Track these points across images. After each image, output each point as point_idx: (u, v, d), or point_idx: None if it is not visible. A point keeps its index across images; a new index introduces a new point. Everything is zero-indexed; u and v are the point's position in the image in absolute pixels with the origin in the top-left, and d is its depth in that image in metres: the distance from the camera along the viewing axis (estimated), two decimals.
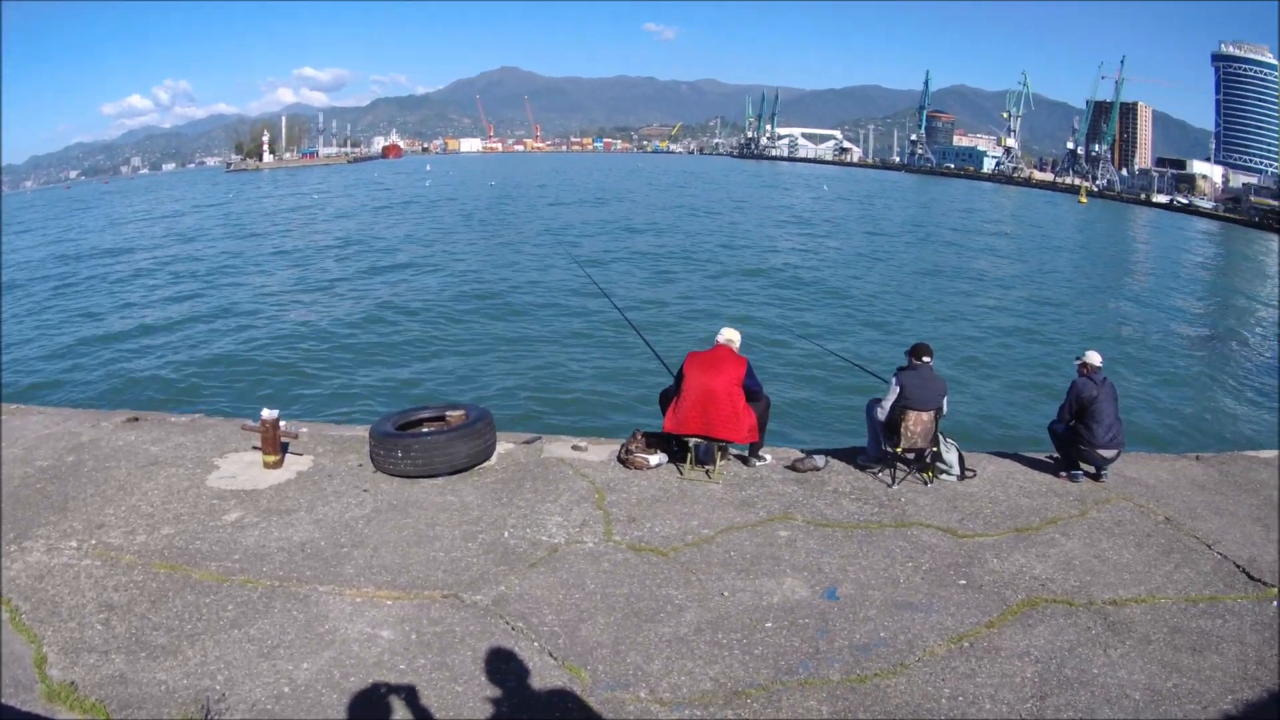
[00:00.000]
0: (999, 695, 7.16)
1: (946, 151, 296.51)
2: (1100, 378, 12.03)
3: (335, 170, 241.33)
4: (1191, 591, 9.01)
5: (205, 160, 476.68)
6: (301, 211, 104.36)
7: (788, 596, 8.67)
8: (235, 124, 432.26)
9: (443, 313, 39.77)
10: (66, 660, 7.30)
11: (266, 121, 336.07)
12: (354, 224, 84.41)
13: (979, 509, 10.99)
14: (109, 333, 37.45)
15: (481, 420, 11.96)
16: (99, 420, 13.73)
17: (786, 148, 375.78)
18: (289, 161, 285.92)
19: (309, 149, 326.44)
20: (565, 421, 23.49)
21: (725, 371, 11.52)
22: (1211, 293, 62.85)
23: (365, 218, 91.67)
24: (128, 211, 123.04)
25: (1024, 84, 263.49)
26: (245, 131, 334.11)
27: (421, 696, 6.94)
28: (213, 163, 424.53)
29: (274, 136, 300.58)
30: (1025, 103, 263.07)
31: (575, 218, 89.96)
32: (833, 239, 77.14)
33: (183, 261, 60.33)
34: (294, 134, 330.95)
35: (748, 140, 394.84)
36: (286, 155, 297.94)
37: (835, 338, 36.08)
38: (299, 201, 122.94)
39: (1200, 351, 39.88)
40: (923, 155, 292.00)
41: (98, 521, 9.87)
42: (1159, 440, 24.07)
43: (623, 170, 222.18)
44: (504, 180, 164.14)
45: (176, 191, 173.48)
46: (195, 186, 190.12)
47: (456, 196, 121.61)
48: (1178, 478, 12.40)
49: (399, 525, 10.00)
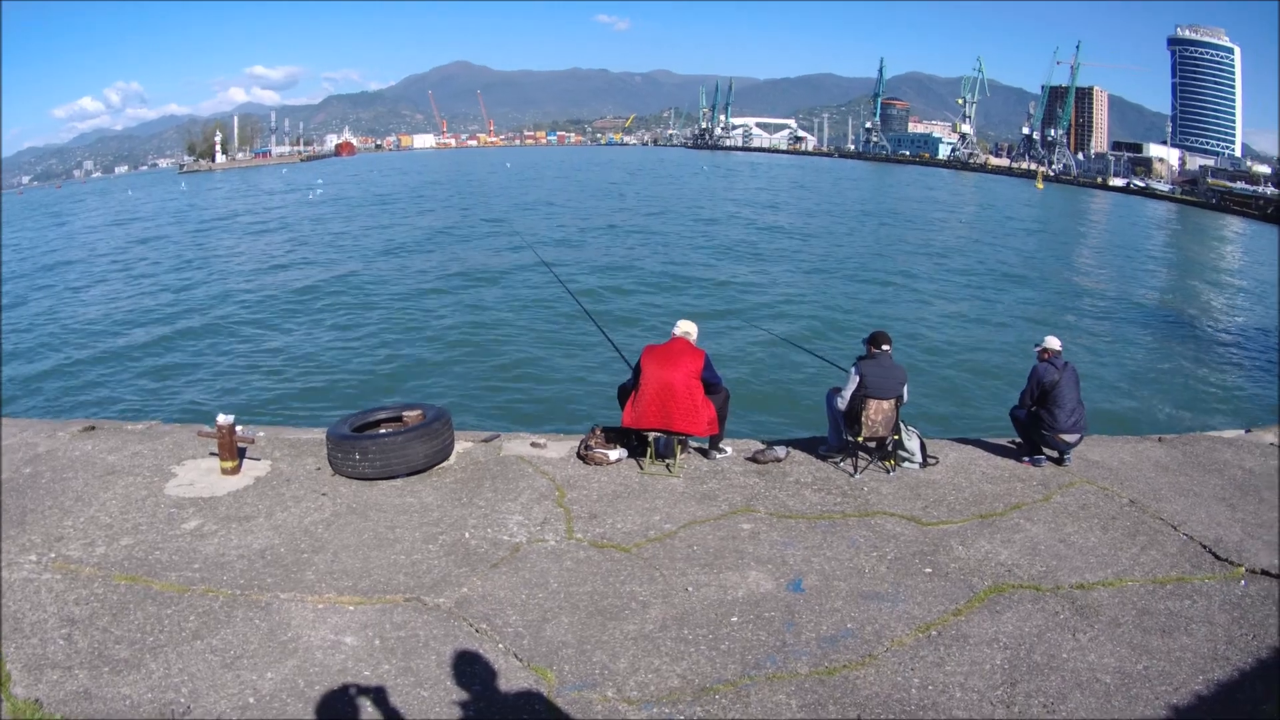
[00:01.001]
0: (969, 683, 7.16)
1: (902, 139, 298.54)
2: (1061, 362, 12.05)
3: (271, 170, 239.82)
4: (1159, 573, 9.04)
5: (158, 162, 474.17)
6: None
7: (753, 590, 8.63)
8: (188, 125, 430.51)
9: (396, 312, 39.72)
10: (30, 677, 7.20)
11: (219, 122, 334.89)
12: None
13: (942, 496, 10.99)
14: (60, 341, 37.14)
15: (439, 420, 11.86)
16: (55, 430, 13.57)
17: (741, 137, 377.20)
18: (242, 161, 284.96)
19: (262, 148, 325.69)
20: (523, 418, 23.46)
21: (683, 364, 11.46)
22: (1170, 276, 63.37)
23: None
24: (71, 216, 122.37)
25: (979, 70, 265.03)
26: (198, 132, 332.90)
27: (387, 702, 6.88)
28: (165, 164, 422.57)
29: (226, 137, 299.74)
30: (980, 89, 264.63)
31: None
32: (787, 229, 77.25)
33: (131, 266, 59.98)
34: (246, 134, 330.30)
35: (702, 131, 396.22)
36: (239, 155, 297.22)
37: (792, 328, 36.11)
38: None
39: (1160, 334, 40.16)
40: (878, 143, 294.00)
41: (57, 534, 9.74)
42: (1121, 423, 24.18)
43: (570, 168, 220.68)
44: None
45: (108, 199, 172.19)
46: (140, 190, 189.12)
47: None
48: (1141, 460, 12.45)
49: (359, 529, 9.91)
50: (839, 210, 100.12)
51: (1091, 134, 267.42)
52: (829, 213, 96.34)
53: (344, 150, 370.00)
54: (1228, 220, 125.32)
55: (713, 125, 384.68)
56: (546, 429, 16.67)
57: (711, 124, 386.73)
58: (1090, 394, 14.61)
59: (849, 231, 76.52)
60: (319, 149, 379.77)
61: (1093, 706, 6.90)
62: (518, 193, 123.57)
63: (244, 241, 72.28)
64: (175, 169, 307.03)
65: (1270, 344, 39.32)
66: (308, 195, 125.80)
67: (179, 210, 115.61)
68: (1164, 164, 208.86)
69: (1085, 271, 60.28)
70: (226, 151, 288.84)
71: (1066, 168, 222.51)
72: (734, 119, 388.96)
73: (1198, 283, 59.10)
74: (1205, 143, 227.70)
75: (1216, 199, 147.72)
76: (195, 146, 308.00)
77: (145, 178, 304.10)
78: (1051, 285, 52.13)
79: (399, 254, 60.18)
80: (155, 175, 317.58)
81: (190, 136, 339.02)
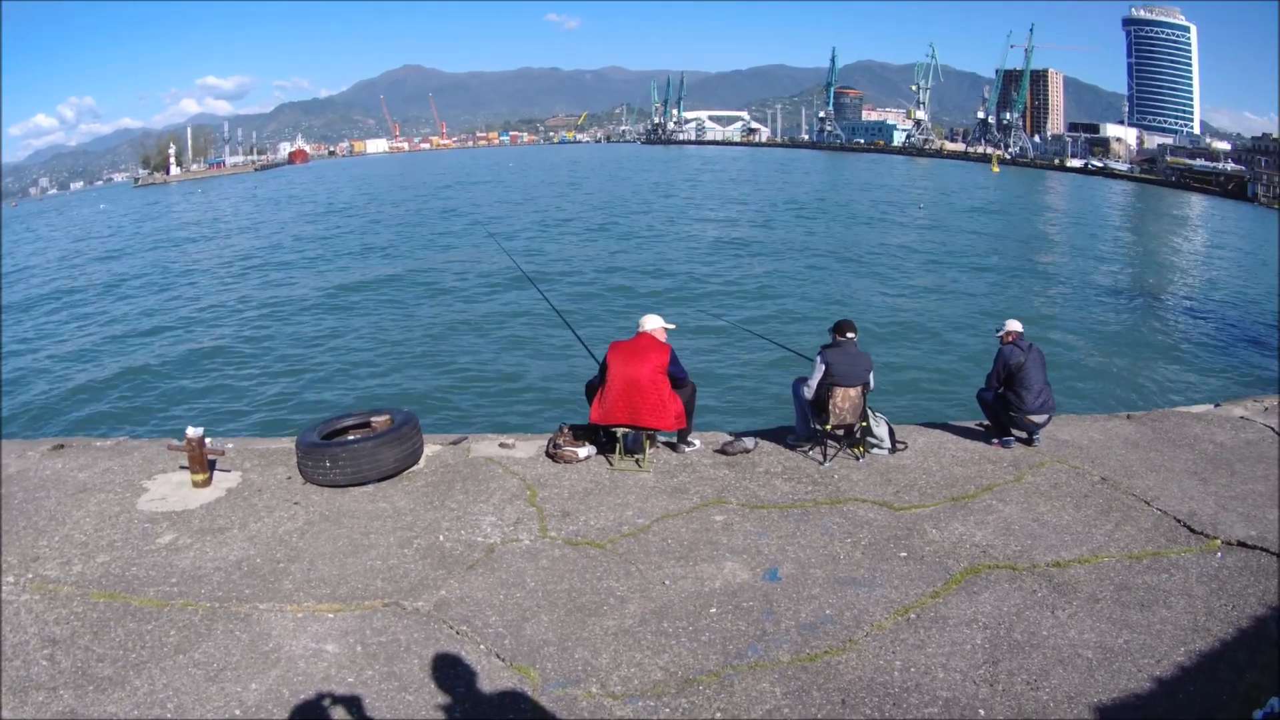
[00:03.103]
0: (951, 664, 7.22)
1: (856, 127, 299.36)
2: (1026, 344, 12.14)
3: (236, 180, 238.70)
4: (1134, 549, 9.13)
5: (113, 176, 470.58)
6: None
7: (729, 581, 8.67)
8: (141, 138, 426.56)
9: (355, 315, 39.77)
10: (15, 700, 7.15)
11: (172, 134, 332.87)
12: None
13: (913, 481, 11.06)
14: (21, 359, 36.90)
15: (407, 424, 11.83)
16: (24, 450, 13.45)
17: (694, 131, 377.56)
18: (196, 173, 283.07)
19: (216, 159, 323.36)
20: (491, 419, 23.47)
21: (649, 360, 11.47)
22: (1132, 254, 63.97)
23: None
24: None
25: (932, 56, 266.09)
26: (152, 145, 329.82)
27: (373, 708, 6.87)
28: (120, 178, 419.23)
29: (180, 149, 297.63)
30: (934, 75, 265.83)
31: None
32: (745, 220, 77.48)
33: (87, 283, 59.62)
34: (200, 145, 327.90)
35: (654, 126, 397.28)
36: (194, 167, 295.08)
37: (756, 318, 36.27)
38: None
39: (1126, 312, 40.63)
40: (831, 132, 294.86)
41: (32, 554, 9.67)
42: (1090, 401, 24.36)
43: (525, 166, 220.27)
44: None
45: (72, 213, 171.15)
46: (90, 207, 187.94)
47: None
48: (1110, 437, 12.55)
49: (333, 536, 9.88)
50: (794, 201, 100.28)
51: (1048, 116, 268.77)
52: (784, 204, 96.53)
53: (297, 158, 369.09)
54: (1188, 197, 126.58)
55: (665, 120, 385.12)
56: (514, 429, 16.70)
57: (664, 119, 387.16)
58: (1057, 374, 14.74)
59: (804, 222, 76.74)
60: (273, 158, 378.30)
61: (1076, 682, 6.97)
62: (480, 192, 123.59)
63: (204, 253, 71.93)
64: (130, 183, 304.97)
65: (1236, 318, 39.67)
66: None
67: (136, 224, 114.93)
68: (1121, 143, 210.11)
69: (1045, 253, 60.79)
70: (181, 164, 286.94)
71: (1023, 150, 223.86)
72: (687, 113, 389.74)
73: (1160, 261, 59.57)
74: (1163, 121, 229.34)
75: (1176, 177, 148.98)
76: (150, 159, 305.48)
77: (101, 193, 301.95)
78: (1011, 268, 52.55)
79: (358, 257, 60.14)
80: (110, 190, 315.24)
81: (144, 150, 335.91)
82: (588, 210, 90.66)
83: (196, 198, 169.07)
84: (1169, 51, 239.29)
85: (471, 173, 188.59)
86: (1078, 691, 6.85)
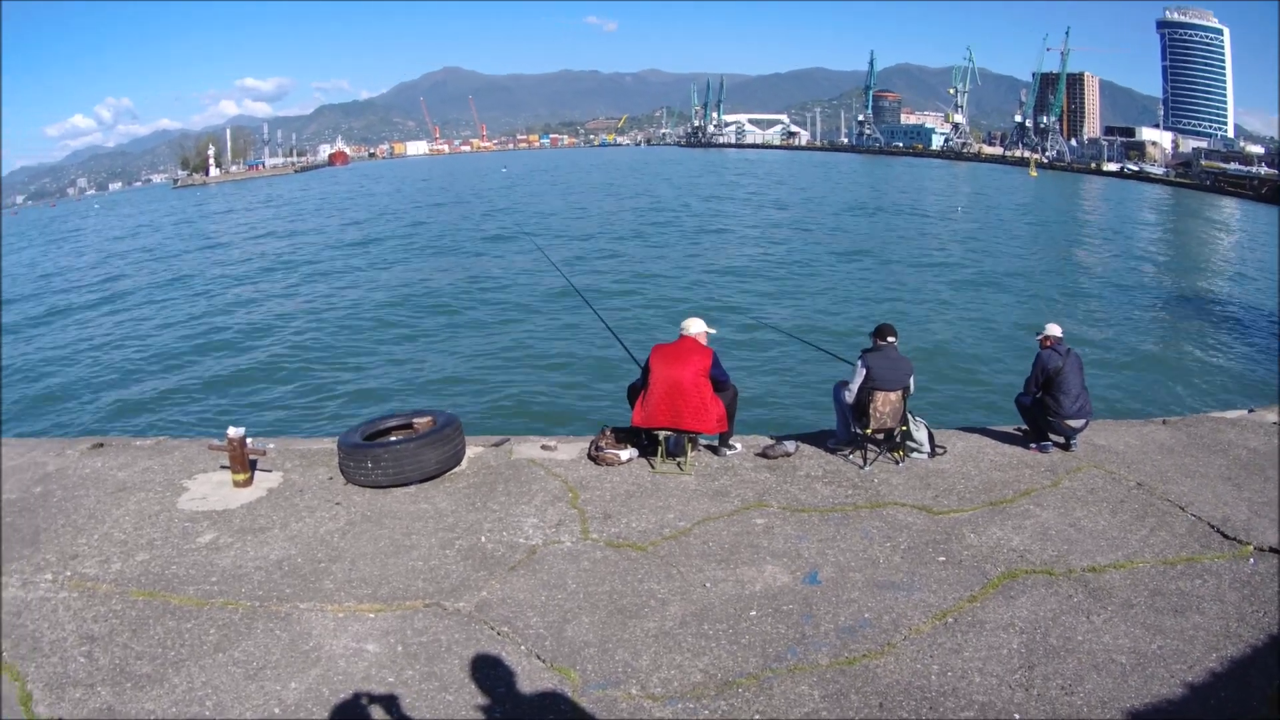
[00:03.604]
0: (987, 668, 7.21)
1: (894, 130, 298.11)
2: (1064, 349, 12.10)
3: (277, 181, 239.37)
4: (1168, 554, 9.10)
5: (152, 177, 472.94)
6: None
7: (769, 584, 8.67)
8: (180, 139, 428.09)
9: (400, 318, 39.75)
10: (52, 696, 7.19)
11: (211, 135, 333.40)
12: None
13: (952, 485, 11.04)
14: (64, 358, 37.22)
15: (449, 425, 11.85)
16: (63, 449, 13.53)
17: (734, 134, 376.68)
18: (236, 174, 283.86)
19: (255, 160, 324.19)
20: (533, 421, 23.48)
21: (691, 363, 11.46)
22: (1167, 259, 63.42)
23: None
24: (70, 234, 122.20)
25: (969, 59, 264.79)
26: (190, 146, 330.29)
27: (413, 708, 6.90)
28: (159, 179, 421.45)
29: (219, 150, 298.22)
30: (971, 78, 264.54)
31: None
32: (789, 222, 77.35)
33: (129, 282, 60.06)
34: (239, 146, 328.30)
35: (694, 129, 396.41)
36: (233, 168, 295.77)
37: (796, 322, 36.18)
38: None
39: (1161, 317, 40.34)
40: (871, 135, 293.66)
41: (71, 552, 9.74)
42: (1125, 407, 24.24)
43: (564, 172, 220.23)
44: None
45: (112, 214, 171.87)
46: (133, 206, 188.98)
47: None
48: (1146, 443, 12.50)
49: (375, 536, 9.93)
50: (836, 204, 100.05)
51: (1084, 120, 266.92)
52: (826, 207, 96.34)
53: (337, 160, 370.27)
54: (1222, 201, 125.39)
55: (705, 123, 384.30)
56: (557, 431, 16.72)
57: (704, 122, 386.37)
58: (1094, 379, 14.66)
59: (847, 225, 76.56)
60: (312, 159, 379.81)
61: (1109, 687, 6.95)
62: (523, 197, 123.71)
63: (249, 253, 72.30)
64: (169, 184, 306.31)
65: (1269, 324, 39.38)
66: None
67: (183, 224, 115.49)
68: (1157, 147, 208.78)
69: (1083, 257, 60.36)
70: (220, 165, 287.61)
71: (1060, 154, 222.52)
72: (726, 116, 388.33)
73: (1195, 265, 59.19)
74: (1197, 125, 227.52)
75: (1210, 180, 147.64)
76: (189, 161, 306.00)
77: (139, 193, 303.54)
78: (1050, 272, 52.25)
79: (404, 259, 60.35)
80: (149, 191, 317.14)
81: (183, 151, 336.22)
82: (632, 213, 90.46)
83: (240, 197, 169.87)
84: (1202, 54, 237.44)
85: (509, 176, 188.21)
86: (1111, 697, 6.84)
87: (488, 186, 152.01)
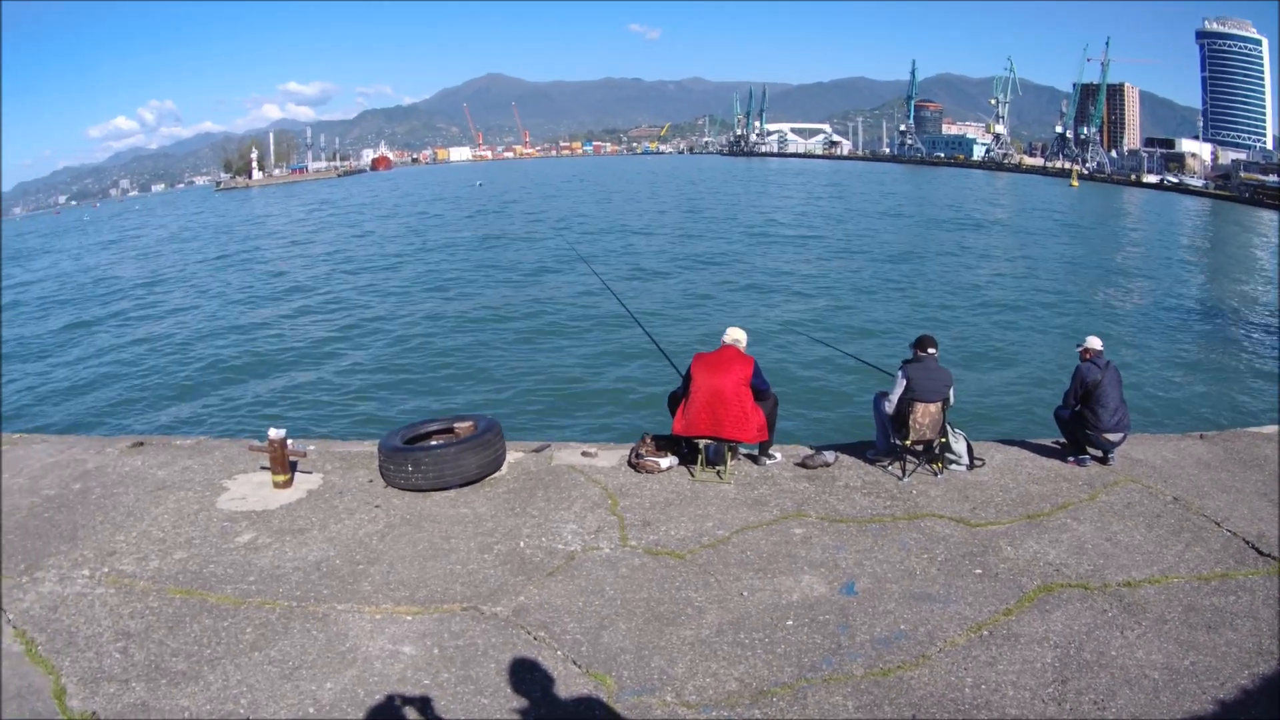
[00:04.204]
0: (1021, 681, 7.20)
1: (936, 140, 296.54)
2: (1104, 361, 12.06)
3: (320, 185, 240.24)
4: (1203, 570, 9.05)
5: (194, 180, 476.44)
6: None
7: (806, 594, 8.68)
8: (223, 142, 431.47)
9: (443, 323, 39.86)
10: (86, 690, 7.28)
11: (254, 139, 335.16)
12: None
13: (990, 497, 11.01)
14: (106, 358, 37.55)
15: (490, 430, 11.91)
16: (103, 446, 13.68)
17: (776, 143, 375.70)
18: (279, 178, 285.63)
19: (298, 164, 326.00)
20: (573, 427, 23.52)
21: (732, 371, 11.47)
22: (1207, 271, 63.00)
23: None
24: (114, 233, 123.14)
25: (1010, 70, 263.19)
26: (233, 149, 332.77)
27: (447, 711, 6.94)
28: (202, 182, 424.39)
29: (263, 153, 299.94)
30: (1012, 88, 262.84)
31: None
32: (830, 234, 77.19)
33: (173, 283, 60.57)
34: (282, 150, 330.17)
35: (737, 138, 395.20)
36: (276, 172, 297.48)
37: (838, 333, 36.09)
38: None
39: (1199, 331, 39.98)
40: (912, 145, 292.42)
41: (109, 549, 9.84)
42: (1163, 421, 24.12)
43: None
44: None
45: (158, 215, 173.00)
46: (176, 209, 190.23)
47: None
48: (1183, 457, 12.41)
49: (413, 540, 9.98)
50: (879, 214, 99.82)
51: (1124, 131, 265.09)
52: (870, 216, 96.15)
53: (380, 164, 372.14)
54: (1261, 214, 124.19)
55: (748, 132, 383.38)
56: (597, 438, 16.73)
57: (746, 130, 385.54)
58: (1132, 392, 14.61)
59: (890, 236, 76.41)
60: (355, 164, 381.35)
61: (1142, 703, 6.93)
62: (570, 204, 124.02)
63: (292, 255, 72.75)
64: (211, 186, 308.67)
65: None
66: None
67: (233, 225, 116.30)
68: (1196, 159, 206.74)
69: (1123, 269, 59.94)
70: (263, 168, 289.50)
71: (1100, 165, 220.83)
72: (768, 125, 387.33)
73: (1233, 278, 58.69)
74: (1236, 136, 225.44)
75: (1250, 193, 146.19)
76: (232, 164, 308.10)
77: (182, 195, 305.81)
78: (1091, 284, 51.92)
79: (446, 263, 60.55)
80: (192, 193, 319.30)
81: (226, 154, 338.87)
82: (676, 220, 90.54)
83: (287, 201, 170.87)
84: (1241, 65, 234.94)
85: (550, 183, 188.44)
86: (1143, 712, 6.82)
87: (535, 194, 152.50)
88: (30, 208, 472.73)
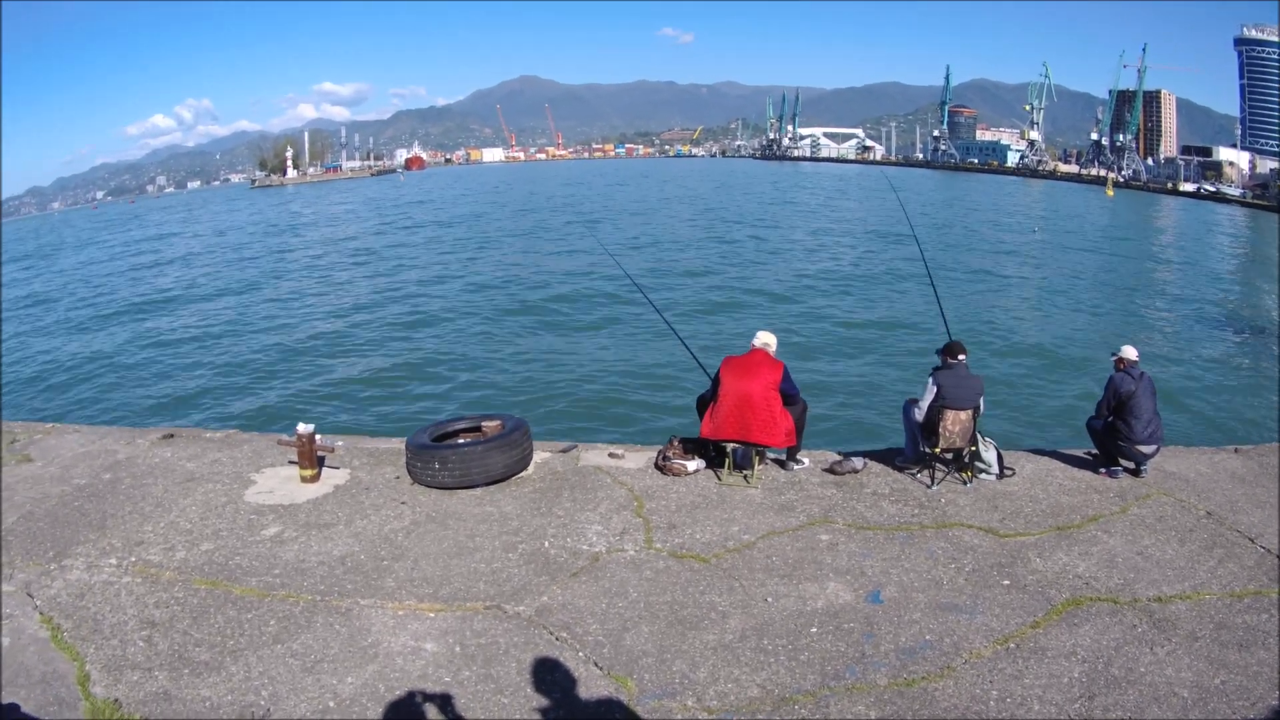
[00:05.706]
0: (1047, 696, 7.11)
1: (970, 146, 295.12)
2: (1138, 372, 11.91)
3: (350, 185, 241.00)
4: (1236, 586, 8.93)
5: (230, 177, 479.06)
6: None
7: (831, 601, 8.63)
8: (258, 141, 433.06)
9: (473, 322, 39.85)
10: (109, 678, 7.35)
11: (289, 138, 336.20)
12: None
13: (1019, 508, 10.91)
14: (137, 350, 37.74)
15: (518, 430, 11.92)
16: (134, 438, 13.79)
17: (809, 148, 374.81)
18: (313, 176, 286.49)
19: (332, 163, 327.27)
20: (601, 429, 23.47)
21: (761, 375, 11.43)
22: (1243, 282, 62.48)
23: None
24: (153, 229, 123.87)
25: (1045, 75, 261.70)
26: (269, 148, 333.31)
27: (467, 709, 6.94)
28: (237, 179, 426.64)
29: (297, 152, 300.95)
30: (1047, 94, 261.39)
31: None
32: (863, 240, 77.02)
33: (207, 277, 60.90)
34: (317, 149, 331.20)
35: (769, 142, 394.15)
36: (310, 170, 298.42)
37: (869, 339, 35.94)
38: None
39: (1235, 344, 39.57)
40: (946, 151, 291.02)
41: (136, 539, 9.92)
42: (1197, 434, 23.91)
43: None
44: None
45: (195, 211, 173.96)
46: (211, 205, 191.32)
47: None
48: (1217, 471, 12.26)
49: (439, 537, 10.00)
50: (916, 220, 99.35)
51: (1160, 138, 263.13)
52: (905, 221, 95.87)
53: (414, 164, 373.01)
54: None
55: (780, 136, 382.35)
56: (624, 440, 16.70)
57: (779, 134, 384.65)
58: (1166, 405, 14.49)
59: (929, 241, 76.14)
60: (389, 164, 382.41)
61: None
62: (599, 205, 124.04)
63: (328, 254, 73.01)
64: (247, 184, 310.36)
65: None
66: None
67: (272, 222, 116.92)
68: (1234, 167, 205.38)
69: (1159, 280, 59.52)
70: (298, 167, 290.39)
71: (1136, 173, 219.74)
72: (801, 129, 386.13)
73: (1271, 291, 58.23)
74: (1275, 145, 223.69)
75: None
76: (267, 162, 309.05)
77: (219, 193, 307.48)
78: (1126, 293, 51.57)
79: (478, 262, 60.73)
80: (228, 190, 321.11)
81: (261, 152, 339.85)
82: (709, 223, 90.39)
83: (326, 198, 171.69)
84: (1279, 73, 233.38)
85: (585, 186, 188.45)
86: None
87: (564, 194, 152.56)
88: (68, 202, 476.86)
